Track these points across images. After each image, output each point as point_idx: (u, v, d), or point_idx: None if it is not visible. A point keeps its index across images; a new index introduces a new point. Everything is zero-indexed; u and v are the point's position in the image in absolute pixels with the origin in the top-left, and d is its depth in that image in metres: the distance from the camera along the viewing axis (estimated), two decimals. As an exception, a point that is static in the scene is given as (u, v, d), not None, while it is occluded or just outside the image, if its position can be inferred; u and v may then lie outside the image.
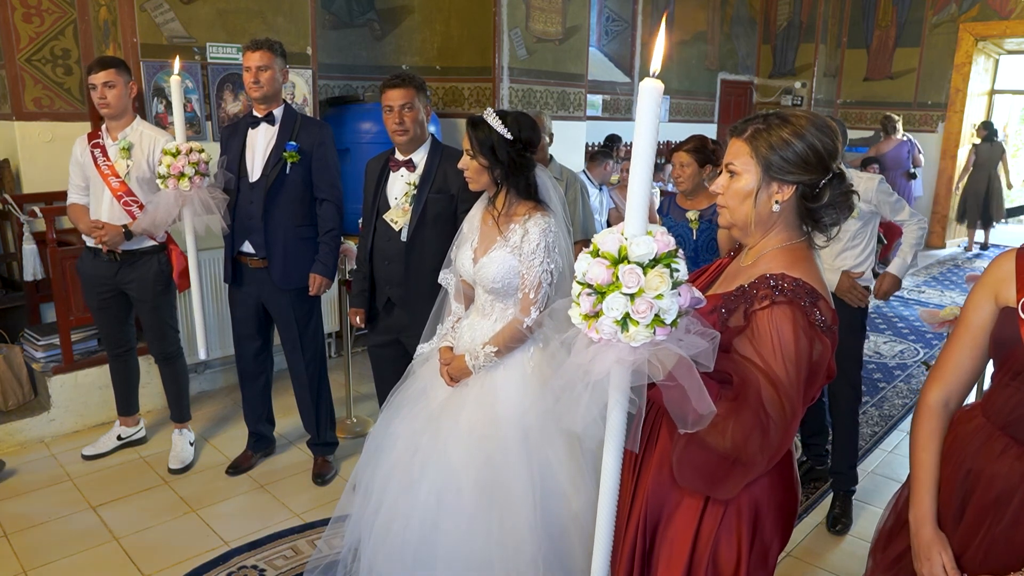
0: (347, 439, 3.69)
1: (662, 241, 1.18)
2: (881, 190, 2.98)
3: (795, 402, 1.30)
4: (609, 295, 1.17)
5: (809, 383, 1.33)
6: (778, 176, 1.39)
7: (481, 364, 2.17)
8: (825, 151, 1.39)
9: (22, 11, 3.88)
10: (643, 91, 1.19)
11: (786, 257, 1.41)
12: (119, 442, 3.53)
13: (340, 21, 5.30)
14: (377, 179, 2.84)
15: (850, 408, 3.10)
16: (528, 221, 2.17)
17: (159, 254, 3.27)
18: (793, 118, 1.41)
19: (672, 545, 1.47)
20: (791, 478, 1.51)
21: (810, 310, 1.32)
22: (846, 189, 1.42)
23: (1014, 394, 1.42)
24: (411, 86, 2.70)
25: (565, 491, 2.12)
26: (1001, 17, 8.52)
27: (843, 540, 2.96)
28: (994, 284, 1.46)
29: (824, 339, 1.33)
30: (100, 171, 3.15)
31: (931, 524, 1.48)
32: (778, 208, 1.41)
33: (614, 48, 7.86)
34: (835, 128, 1.42)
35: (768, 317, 1.31)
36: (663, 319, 1.16)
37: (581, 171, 5.47)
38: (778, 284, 1.34)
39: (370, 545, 2.19)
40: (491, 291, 2.21)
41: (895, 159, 7.86)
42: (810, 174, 1.39)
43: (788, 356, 1.29)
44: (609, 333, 1.17)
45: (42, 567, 2.69)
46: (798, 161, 1.38)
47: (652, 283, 1.16)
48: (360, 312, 2.95)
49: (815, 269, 1.41)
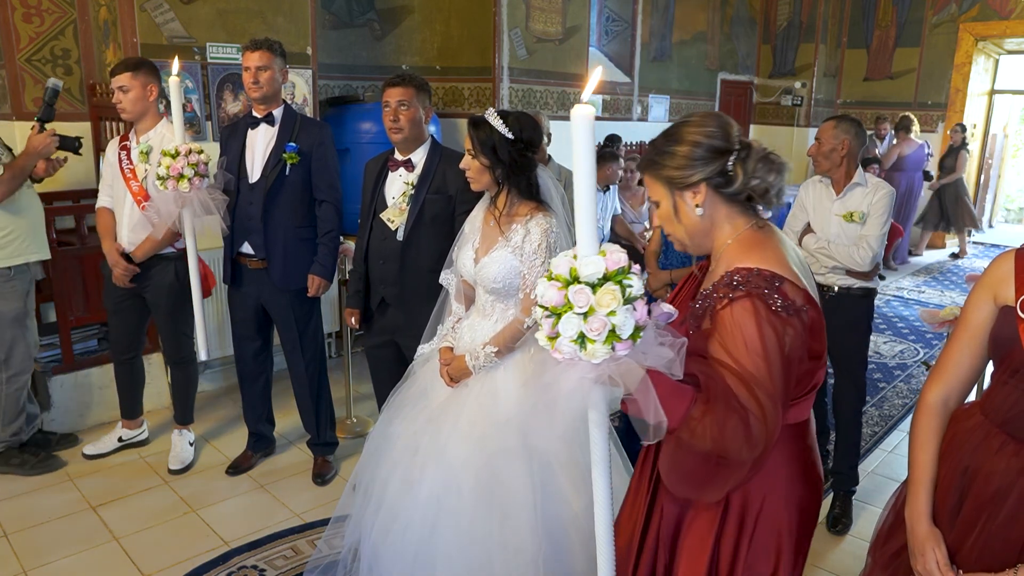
0: (347, 439, 3.69)
1: (612, 259, 1.21)
2: (885, 203, 2.92)
3: (772, 394, 1.29)
4: (563, 316, 1.20)
5: (790, 368, 1.32)
6: (682, 184, 1.40)
7: (481, 364, 2.17)
8: (711, 139, 1.38)
9: (22, 11, 3.89)
10: (575, 117, 1.22)
11: (738, 249, 1.40)
12: (120, 443, 3.52)
13: (340, 21, 5.30)
14: (375, 179, 2.84)
15: (853, 409, 3.09)
16: (530, 221, 2.17)
17: (177, 261, 3.26)
18: (672, 128, 1.43)
19: (691, 555, 1.46)
20: (815, 477, 1.50)
21: (770, 298, 1.30)
22: (760, 155, 1.39)
23: (1012, 392, 1.43)
24: (410, 85, 2.70)
25: (566, 492, 2.12)
26: (1001, 17, 8.52)
27: (843, 540, 2.96)
28: (993, 284, 1.47)
29: (793, 322, 1.31)
30: (123, 174, 3.17)
31: (926, 521, 1.50)
32: (701, 212, 1.41)
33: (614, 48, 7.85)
34: (717, 115, 1.42)
35: (729, 315, 1.31)
36: (619, 335, 1.19)
37: None
38: (731, 279, 1.33)
39: (370, 545, 2.19)
40: (492, 291, 2.21)
41: (916, 161, 7.74)
42: (708, 166, 1.38)
43: (755, 350, 1.28)
44: (569, 352, 1.20)
45: (42, 567, 2.69)
46: (688, 163, 1.38)
47: (603, 301, 1.18)
48: (355, 312, 2.95)
49: (771, 250, 1.39)
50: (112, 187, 3.24)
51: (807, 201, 3.09)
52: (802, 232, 3.08)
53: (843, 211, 2.95)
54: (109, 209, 3.26)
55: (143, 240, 3.17)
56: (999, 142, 10.69)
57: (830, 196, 3.01)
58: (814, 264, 3.01)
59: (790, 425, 1.44)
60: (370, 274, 2.85)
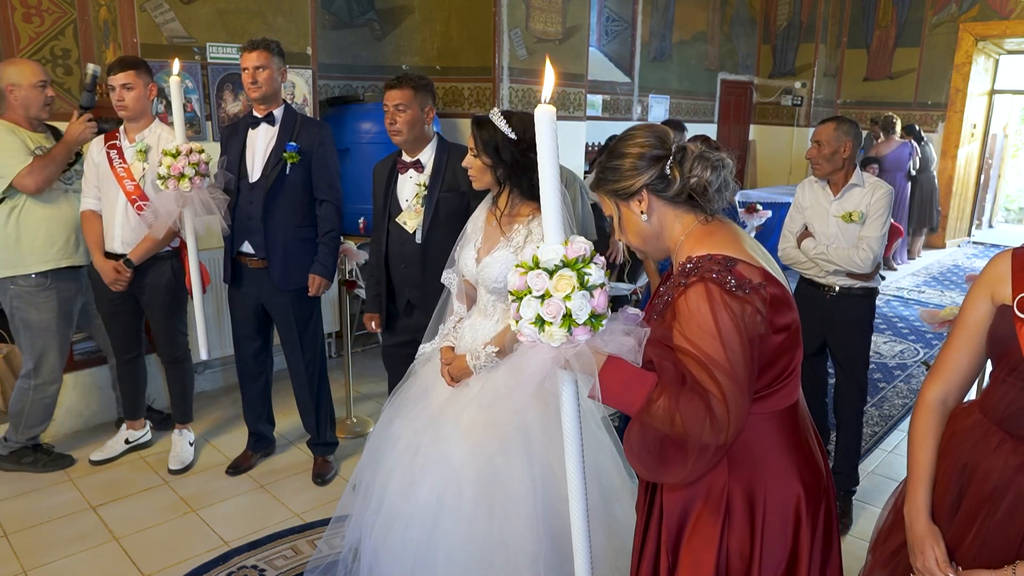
0: (347, 439, 3.69)
1: (573, 248, 1.30)
2: (884, 203, 2.91)
3: (732, 375, 1.30)
4: (523, 299, 1.30)
5: (754, 346, 1.33)
6: (624, 195, 1.47)
7: (482, 364, 2.16)
8: (643, 148, 1.43)
9: (22, 11, 3.88)
10: (539, 117, 1.30)
11: (689, 242, 1.45)
12: (127, 446, 3.50)
13: (340, 21, 5.29)
14: (386, 183, 2.84)
15: (854, 409, 3.09)
16: (532, 222, 2.17)
17: (172, 260, 3.26)
18: (613, 145, 1.49)
19: (695, 556, 1.46)
20: (816, 462, 1.51)
21: (723, 279, 1.33)
22: (696, 155, 1.44)
23: (1010, 390, 1.44)
24: (407, 87, 2.69)
25: (566, 492, 2.11)
26: (1001, 17, 8.52)
27: (843, 540, 2.96)
28: (991, 283, 1.49)
29: (751, 299, 1.32)
30: (116, 173, 3.13)
31: (925, 518, 1.51)
32: (647, 218, 1.46)
33: (614, 48, 7.86)
34: (646, 125, 1.50)
35: (684, 301, 1.35)
36: (575, 319, 1.27)
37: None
38: (684, 267, 1.39)
39: (370, 545, 2.19)
40: (493, 291, 2.21)
41: (896, 161, 7.80)
42: (643, 173, 1.43)
43: (710, 332, 1.31)
44: (529, 334, 1.30)
45: (42, 567, 2.69)
46: (623, 175, 1.45)
47: (559, 285, 1.27)
48: (375, 317, 2.94)
49: (725, 236, 1.43)
50: (99, 188, 3.19)
51: (804, 202, 3.09)
52: (800, 233, 3.08)
53: (841, 212, 2.95)
54: (96, 212, 3.22)
55: (141, 241, 3.15)
56: (999, 142, 10.70)
57: (828, 197, 3.01)
58: (813, 268, 3.02)
59: (777, 412, 1.44)
60: (392, 278, 2.85)
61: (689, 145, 1.46)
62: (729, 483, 1.42)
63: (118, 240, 3.18)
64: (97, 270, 3.19)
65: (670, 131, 1.47)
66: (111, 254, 3.19)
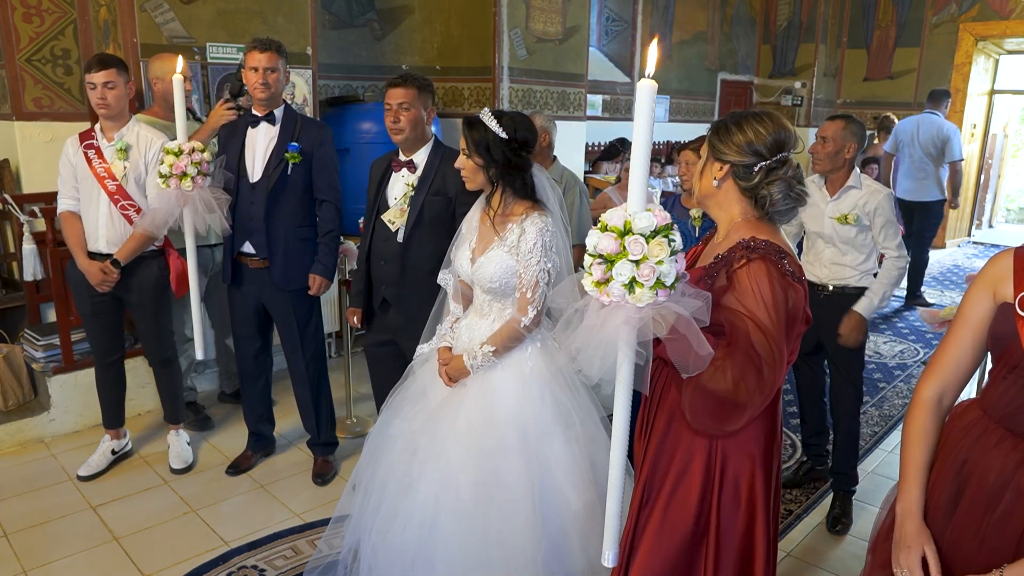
0: (347, 439, 3.69)
1: (660, 216, 1.39)
2: (887, 206, 2.90)
3: (780, 343, 1.51)
4: (618, 262, 1.38)
5: (789, 328, 1.54)
6: (717, 157, 1.64)
7: (479, 364, 2.17)
8: (756, 139, 1.59)
9: (22, 11, 3.89)
10: (640, 90, 1.44)
11: (750, 226, 1.63)
12: (113, 456, 3.41)
13: (340, 21, 5.30)
14: (379, 179, 2.85)
15: (851, 408, 3.08)
16: (525, 220, 2.17)
17: (158, 259, 3.22)
18: (749, 113, 1.64)
19: (688, 482, 1.66)
20: (776, 436, 1.72)
21: (779, 262, 1.54)
22: (782, 178, 1.60)
23: (1010, 387, 1.44)
24: (412, 86, 2.70)
25: (564, 491, 2.12)
26: (1001, 17, 8.52)
27: (843, 540, 2.96)
28: (992, 281, 1.49)
29: (796, 286, 1.55)
30: (95, 173, 3.06)
31: (917, 517, 1.50)
32: (716, 184, 1.65)
33: (614, 48, 7.86)
34: (782, 124, 1.61)
35: (747, 272, 1.53)
36: (664, 282, 1.37)
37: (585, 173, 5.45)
38: (750, 244, 1.56)
39: (370, 545, 2.20)
40: (489, 291, 2.21)
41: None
42: (742, 157, 1.60)
43: (768, 303, 1.50)
44: (618, 295, 1.38)
45: (42, 567, 2.69)
46: (731, 146, 1.61)
47: (654, 251, 1.37)
48: (357, 312, 2.95)
49: (778, 234, 1.64)
50: (78, 188, 3.12)
51: None
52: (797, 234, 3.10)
53: (836, 214, 2.95)
54: (75, 213, 3.14)
55: (127, 241, 3.08)
56: (999, 142, 10.69)
57: (824, 197, 3.00)
58: (806, 267, 3.02)
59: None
60: (372, 274, 2.86)
61: (791, 161, 1.61)
62: (710, 446, 1.65)
63: (103, 240, 3.11)
64: (81, 271, 3.11)
65: (793, 139, 1.61)
66: (95, 254, 3.12)
